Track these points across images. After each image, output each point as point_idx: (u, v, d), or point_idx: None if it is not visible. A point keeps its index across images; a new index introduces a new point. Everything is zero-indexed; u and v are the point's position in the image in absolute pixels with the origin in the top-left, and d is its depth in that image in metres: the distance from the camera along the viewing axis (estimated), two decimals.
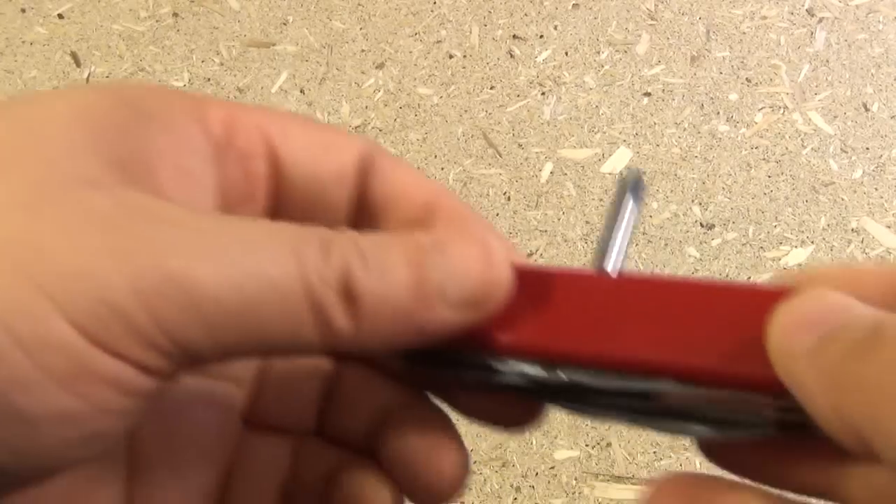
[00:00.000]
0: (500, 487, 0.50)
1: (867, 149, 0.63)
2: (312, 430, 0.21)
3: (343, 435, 0.21)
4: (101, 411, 0.15)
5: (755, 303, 0.17)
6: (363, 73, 0.67)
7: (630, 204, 0.20)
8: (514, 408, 0.19)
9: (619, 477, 0.50)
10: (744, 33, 0.69)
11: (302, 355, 0.16)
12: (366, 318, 0.16)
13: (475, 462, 0.51)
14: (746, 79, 0.67)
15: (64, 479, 0.17)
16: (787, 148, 0.63)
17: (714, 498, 0.16)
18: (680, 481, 0.17)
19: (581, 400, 0.19)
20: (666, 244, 0.59)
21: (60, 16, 0.70)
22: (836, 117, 0.65)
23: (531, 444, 0.51)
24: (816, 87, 0.67)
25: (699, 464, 0.50)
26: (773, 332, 0.16)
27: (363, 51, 0.68)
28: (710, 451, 0.18)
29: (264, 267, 0.15)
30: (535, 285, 0.19)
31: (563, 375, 0.18)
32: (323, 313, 0.15)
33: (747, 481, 0.17)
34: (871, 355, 0.14)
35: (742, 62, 0.68)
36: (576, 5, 0.71)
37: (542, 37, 0.69)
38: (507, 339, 0.19)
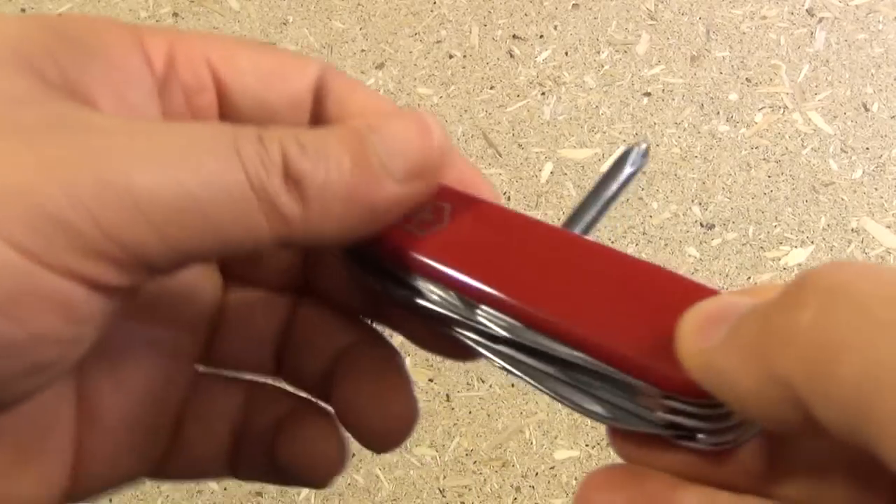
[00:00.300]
0: (500, 487, 0.50)
1: (867, 149, 0.63)
2: (271, 373, 0.21)
3: (300, 378, 0.21)
4: (49, 339, 0.14)
5: (686, 297, 0.16)
6: (363, 73, 0.67)
7: (627, 170, 0.20)
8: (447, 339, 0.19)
9: None
10: (744, 33, 0.70)
11: (258, 250, 0.16)
12: (313, 201, 0.16)
13: (475, 462, 0.51)
14: (746, 79, 0.67)
15: (8, 419, 0.17)
16: (787, 148, 0.63)
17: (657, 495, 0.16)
18: (611, 473, 0.17)
19: (492, 344, 0.19)
20: (666, 244, 0.59)
21: (60, 16, 0.70)
22: (836, 117, 0.65)
23: (531, 444, 0.51)
24: (816, 87, 0.67)
25: None
26: (683, 333, 0.15)
27: (363, 51, 0.68)
28: (615, 438, 0.18)
29: (205, 163, 0.15)
30: (489, 220, 0.19)
31: (478, 314, 0.18)
32: (270, 201, 0.15)
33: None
34: (797, 309, 0.13)
35: (742, 62, 0.68)
36: (576, 5, 0.71)
37: (542, 37, 0.69)
38: (432, 257, 0.18)
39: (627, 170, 0.21)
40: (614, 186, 0.20)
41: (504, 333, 0.18)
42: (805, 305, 0.13)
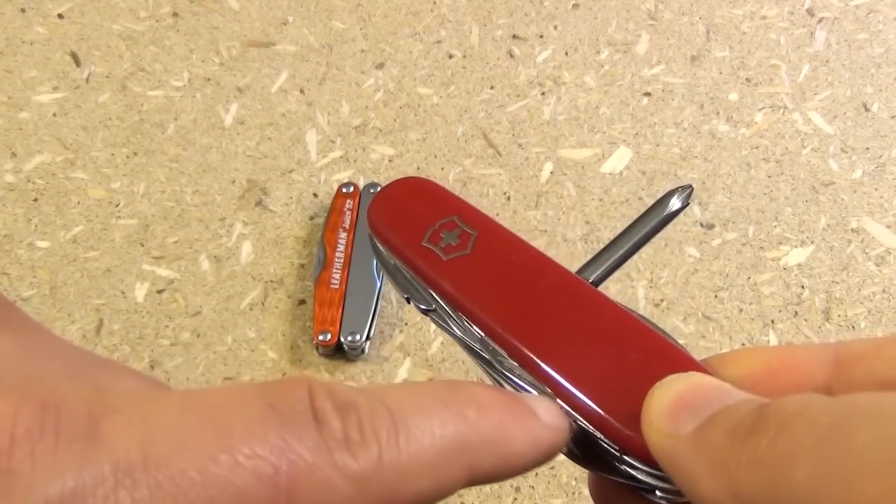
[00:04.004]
0: (500, 487, 0.50)
1: (867, 149, 0.63)
2: None
3: None
4: None
5: (665, 364, 0.17)
6: (363, 73, 0.67)
7: (669, 211, 0.21)
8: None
9: None
10: (744, 33, 0.69)
11: None
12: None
13: None
14: (746, 79, 0.67)
15: None
16: (787, 148, 0.63)
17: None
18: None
19: (485, 364, 0.20)
20: (666, 244, 0.59)
21: (60, 16, 0.70)
22: (836, 117, 0.65)
23: None
24: (816, 87, 0.67)
25: None
26: (651, 411, 0.16)
27: (363, 51, 0.68)
28: (590, 481, 0.19)
29: None
30: (508, 255, 0.21)
31: (473, 331, 0.19)
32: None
33: None
34: (759, 435, 0.14)
35: (742, 62, 0.68)
36: (576, 5, 0.71)
37: (542, 37, 0.69)
38: (447, 281, 0.20)
39: (670, 210, 0.22)
40: (652, 225, 0.22)
41: (486, 356, 0.19)
42: (766, 429, 0.14)
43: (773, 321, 0.56)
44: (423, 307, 0.21)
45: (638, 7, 0.71)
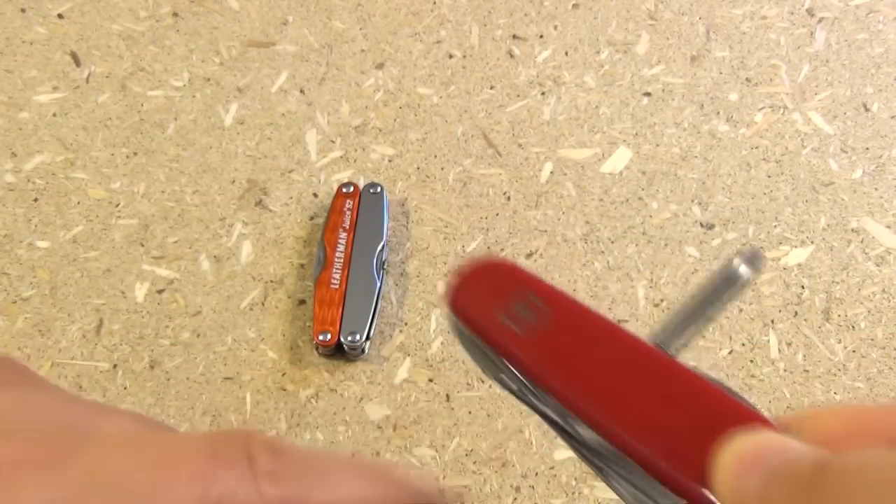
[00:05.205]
0: (500, 487, 0.50)
1: (867, 149, 0.63)
2: None
3: None
4: None
5: (734, 422, 0.18)
6: (363, 73, 0.67)
7: (740, 280, 0.22)
8: None
9: None
10: (744, 33, 0.69)
11: None
12: None
13: (475, 462, 0.51)
14: (746, 79, 0.67)
15: None
16: (787, 148, 0.63)
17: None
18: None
19: (566, 437, 0.22)
20: (666, 244, 0.59)
21: (60, 15, 0.70)
22: (836, 117, 0.65)
23: (531, 444, 0.51)
24: (816, 87, 0.67)
25: None
26: (721, 468, 0.17)
27: (363, 51, 0.68)
28: None
29: None
30: (581, 326, 0.22)
31: (553, 404, 0.21)
32: None
33: None
34: (820, 492, 0.15)
35: (742, 62, 0.68)
36: (576, 5, 0.71)
37: (542, 37, 0.69)
38: (523, 354, 0.22)
39: (741, 279, 0.22)
40: (724, 296, 0.22)
41: (567, 428, 0.21)
42: (825, 486, 0.15)
43: (773, 321, 0.56)
44: (504, 383, 0.22)
45: (638, 7, 0.71)
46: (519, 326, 0.22)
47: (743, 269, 0.21)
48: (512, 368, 0.22)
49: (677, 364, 0.21)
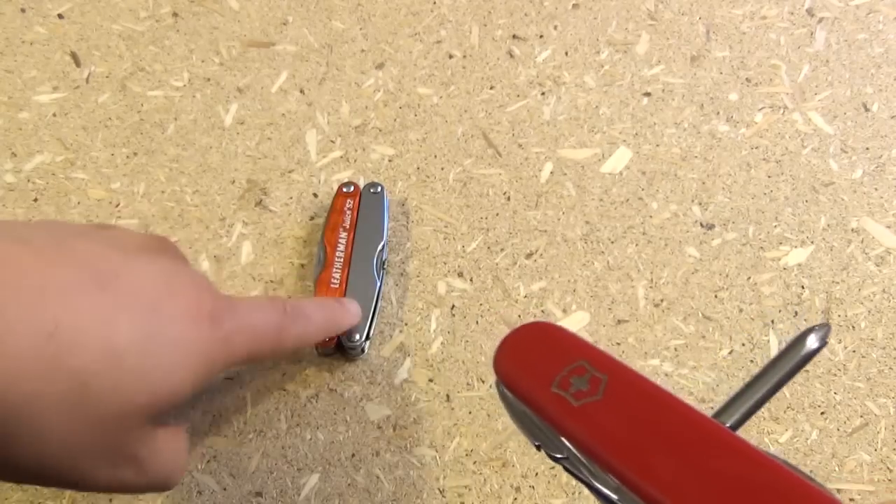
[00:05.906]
0: (500, 487, 0.50)
1: (867, 149, 0.63)
2: None
3: None
4: None
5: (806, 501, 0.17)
6: (363, 73, 0.67)
7: (802, 355, 0.21)
8: None
9: None
10: (744, 33, 0.69)
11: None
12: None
13: (475, 462, 0.51)
14: (746, 79, 0.67)
15: None
16: (787, 148, 0.63)
17: None
18: None
19: (606, 501, 0.20)
20: (666, 244, 0.59)
21: (60, 16, 0.70)
22: (836, 117, 0.65)
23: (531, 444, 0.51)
24: (816, 87, 0.67)
25: None
26: None
27: (363, 51, 0.68)
28: None
29: None
30: (640, 400, 0.20)
31: (608, 480, 0.19)
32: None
33: None
34: None
35: (742, 62, 0.68)
36: (576, 5, 0.71)
37: (542, 37, 0.69)
38: (580, 428, 0.20)
39: (808, 350, 0.21)
40: (790, 366, 0.21)
41: (613, 496, 0.19)
42: None
43: (773, 321, 0.56)
44: (555, 455, 0.21)
45: (638, 7, 0.71)
46: (572, 395, 0.21)
47: (816, 346, 0.20)
48: (565, 441, 0.21)
49: (740, 440, 0.19)
